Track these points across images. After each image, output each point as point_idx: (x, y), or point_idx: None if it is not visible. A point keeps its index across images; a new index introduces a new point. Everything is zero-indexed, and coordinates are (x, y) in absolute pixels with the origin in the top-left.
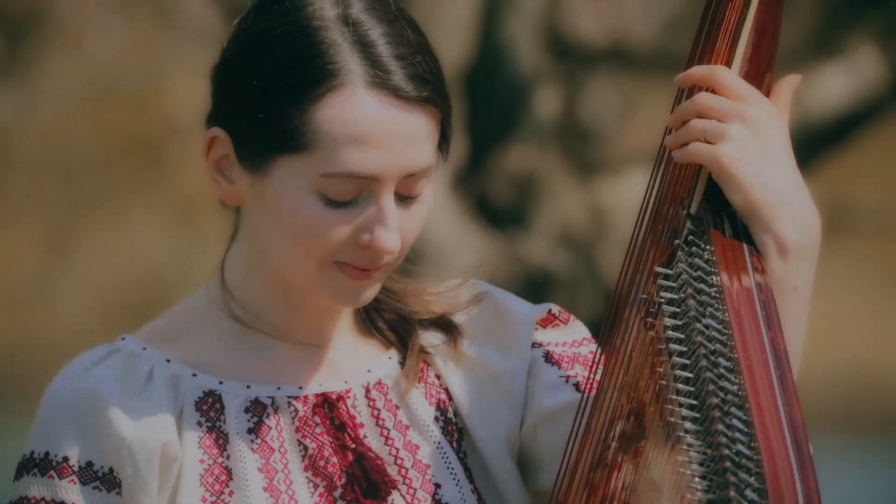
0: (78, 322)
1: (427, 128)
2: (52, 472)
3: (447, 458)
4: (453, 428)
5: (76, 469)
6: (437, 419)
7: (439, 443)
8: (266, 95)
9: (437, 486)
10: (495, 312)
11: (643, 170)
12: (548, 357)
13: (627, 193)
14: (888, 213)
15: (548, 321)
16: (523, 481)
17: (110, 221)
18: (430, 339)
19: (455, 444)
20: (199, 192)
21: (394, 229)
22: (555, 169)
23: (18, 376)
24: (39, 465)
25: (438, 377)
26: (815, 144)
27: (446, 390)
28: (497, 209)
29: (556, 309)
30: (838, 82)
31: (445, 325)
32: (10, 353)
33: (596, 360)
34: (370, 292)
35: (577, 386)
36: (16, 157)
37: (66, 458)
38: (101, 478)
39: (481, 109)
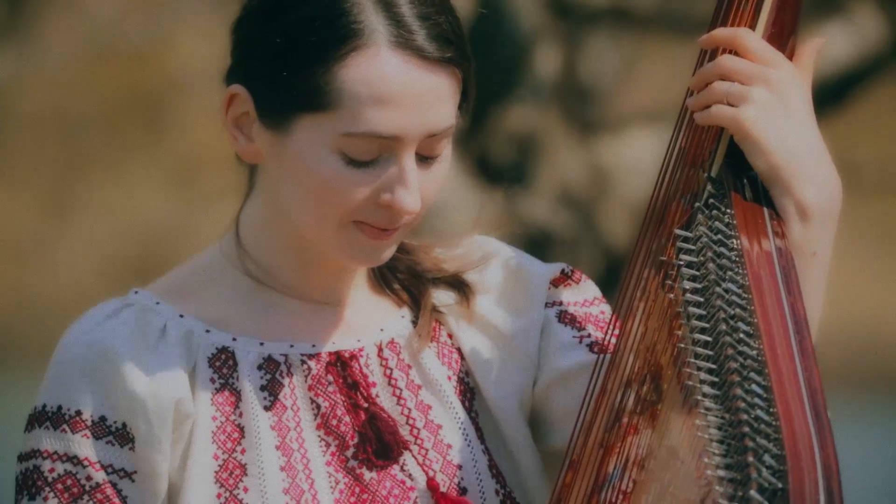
0: (78, 279)
1: (449, 88)
2: (64, 427)
3: (459, 418)
4: (465, 388)
5: (89, 424)
6: (449, 379)
7: (451, 403)
8: (290, 54)
9: (449, 446)
10: (508, 271)
11: (643, 129)
12: (561, 317)
13: (627, 152)
14: (889, 171)
15: (560, 280)
16: (534, 441)
17: (110, 179)
18: (443, 297)
19: (467, 404)
20: (199, 150)
21: (414, 190)
22: (555, 128)
23: (19, 332)
24: (52, 418)
25: (451, 336)
26: (815, 103)
27: (458, 350)
28: (497, 168)
29: (568, 268)
30: (838, 41)
31: (457, 284)
32: (10, 309)
33: (611, 320)
34: (388, 252)
35: (590, 347)
36: (16, 115)
37: (78, 413)
38: (113, 433)
39: (481, 68)
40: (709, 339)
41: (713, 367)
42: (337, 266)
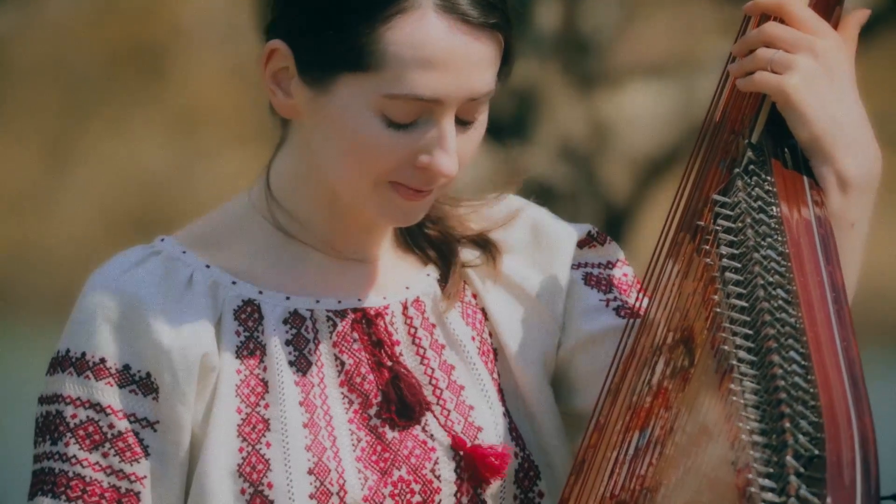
0: (78, 231)
1: (492, 53)
2: (88, 373)
3: (481, 379)
4: (489, 348)
5: (113, 372)
6: (473, 339)
7: (474, 363)
8: (335, 13)
9: (471, 407)
10: (534, 231)
11: (643, 82)
12: (587, 279)
13: (627, 106)
14: (890, 125)
15: (586, 242)
16: (555, 403)
17: (111, 131)
18: (468, 256)
19: (490, 365)
20: (200, 103)
21: (453, 153)
22: (555, 82)
23: (20, 283)
24: (76, 364)
25: (475, 296)
26: None
27: (482, 310)
28: (497, 122)
29: (594, 230)
30: None
31: (483, 243)
32: (11, 261)
33: (643, 284)
34: (421, 212)
35: (617, 310)
36: (17, 67)
37: (102, 360)
38: (137, 382)
39: None
40: (745, 304)
41: (749, 332)
42: (367, 223)
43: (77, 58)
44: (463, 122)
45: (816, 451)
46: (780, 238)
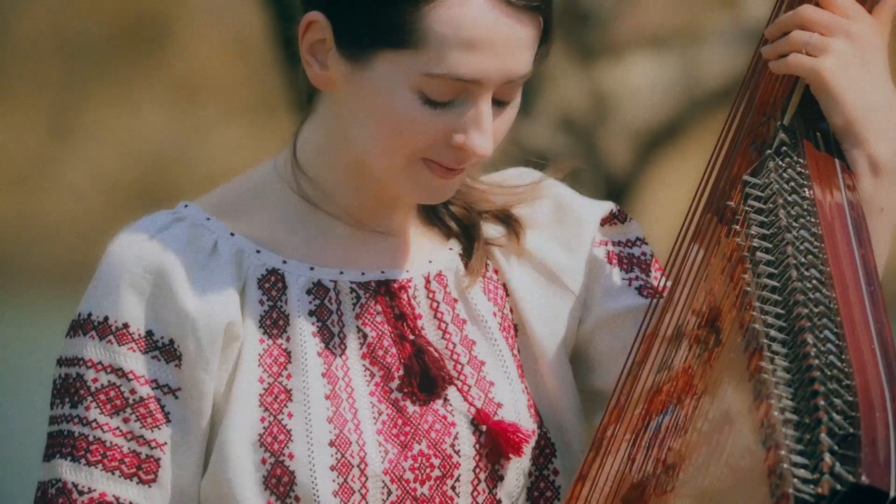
0: (80, 202)
1: (532, 35)
2: (110, 338)
3: (502, 355)
4: (509, 324)
5: (136, 337)
6: (494, 315)
7: (495, 339)
8: None
9: (491, 383)
10: (557, 207)
11: (645, 54)
12: (609, 257)
13: (628, 77)
14: None
15: (608, 219)
16: (574, 380)
17: (113, 102)
18: (490, 231)
19: (510, 341)
20: (203, 74)
21: (489, 133)
22: (555, 53)
23: (22, 255)
24: (98, 328)
25: (497, 272)
26: None
27: (504, 285)
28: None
29: (616, 208)
30: None
31: (506, 219)
32: (12, 232)
33: (667, 264)
34: (451, 190)
35: (639, 290)
36: (18, 37)
37: (125, 325)
38: (160, 348)
39: None
40: (777, 284)
41: (781, 311)
42: (392, 196)
43: (79, 29)
44: (499, 103)
45: (851, 430)
46: (813, 220)
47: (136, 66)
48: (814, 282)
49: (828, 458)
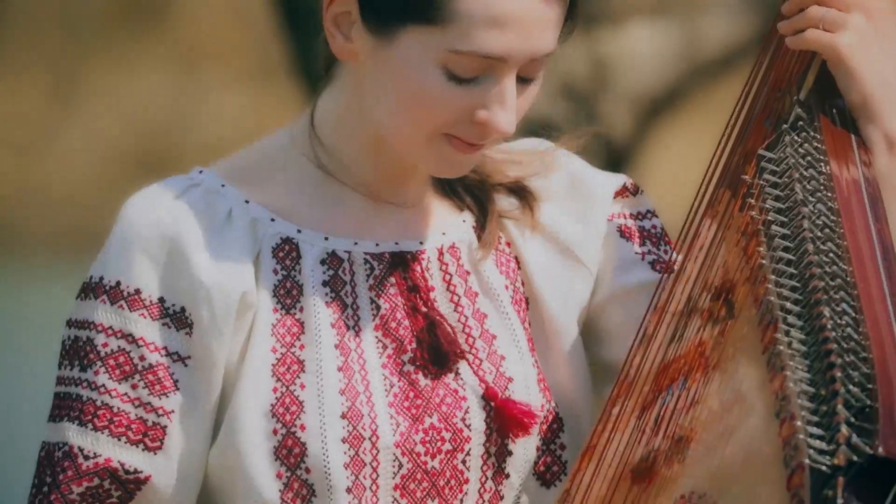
0: (81, 168)
1: (559, 13)
2: (122, 303)
3: (513, 328)
4: (521, 297)
5: (147, 304)
6: (506, 288)
7: (507, 313)
8: None
9: (503, 357)
10: (571, 179)
11: (645, 21)
12: (622, 230)
13: (629, 45)
14: None
15: (620, 192)
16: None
17: (115, 68)
18: (504, 204)
19: (522, 315)
20: (205, 40)
21: (512, 110)
22: None
23: (22, 221)
24: (109, 293)
25: (509, 244)
26: None
27: (516, 258)
28: None
29: (629, 181)
30: None
31: (519, 191)
32: (12, 199)
33: (679, 237)
34: (471, 165)
35: (652, 264)
36: (19, 3)
37: (137, 291)
38: (171, 315)
39: None
40: (792, 257)
41: (797, 285)
42: (408, 168)
43: None
44: (522, 80)
45: (868, 402)
46: (829, 195)
47: (136, 33)
48: (830, 255)
49: (844, 429)
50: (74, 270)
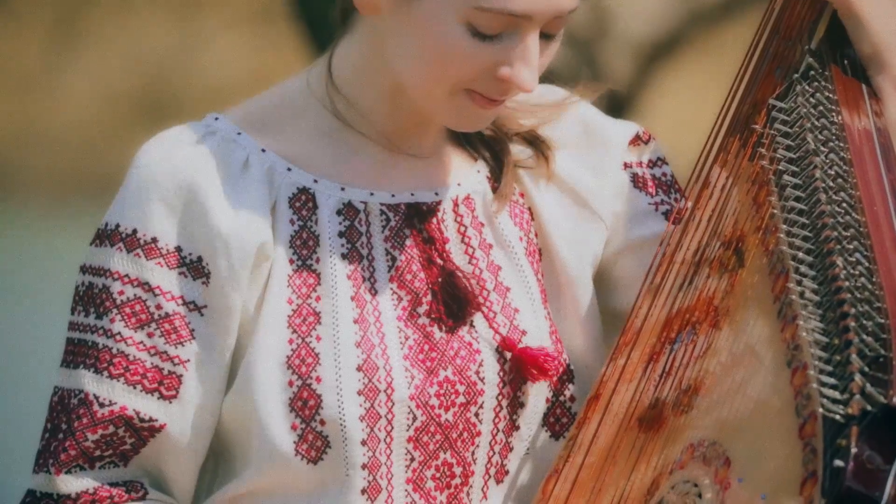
0: (83, 112)
1: None
2: (138, 251)
3: (527, 280)
4: (535, 249)
5: (164, 252)
6: (520, 239)
7: (521, 265)
8: None
9: (516, 310)
10: (584, 128)
11: None
12: (635, 180)
13: None
14: None
15: (633, 141)
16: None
17: (116, 11)
18: (518, 154)
19: (535, 266)
20: None
21: (535, 67)
22: None
23: (25, 164)
24: (126, 240)
25: (523, 195)
26: None
27: (529, 209)
28: None
29: (641, 129)
30: None
31: (534, 141)
32: (15, 141)
33: (688, 187)
34: (490, 120)
35: (666, 215)
36: None
37: (154, 240)
38: (188, 265)
39: None
40: (804, 207)
41: (808, 235)
42: (425, 119)
43: None
44: (545, 36)
45: (882, 352)
46: (841, 144)
47: None
48: (843, 205)
49: (858, 378)
50: (75, 211)
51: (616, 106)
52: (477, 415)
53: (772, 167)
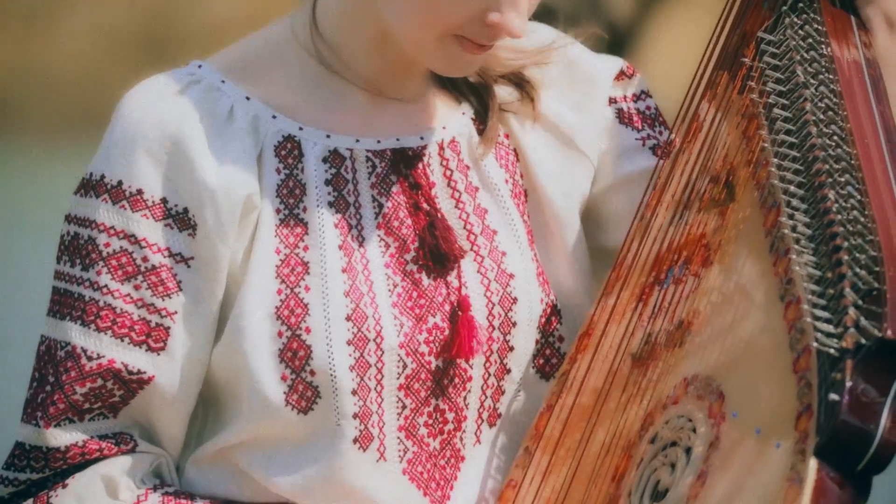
0: (83, 48)
1: None
2: (124, 203)
3: (514, 223)
4: (520, 190)
5: (150, 204)
6: (506, 182)
7: (507, 207)
8: None
9: (504, 253)
10: (569, 66)
11: None
12: (620, 116)
13: None
14: None
15: (618, 76)
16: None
17: None
18: (503, 95)
19: (521, 207)
20: None
21: (524, 13)
22: None
23: (23, 100)
24: (111, 192)
25: (508, 136)
26: None
27: (514, 150)
28: None
29: (625, 64)
30: None
31: (519, 82)
32: (13, 78)
33: (675, 122)
34: (478, 65)
35: (653, 150)
36: None
37: (139, 192)
38: (174, 216)
39: None
40: (795, 140)
41: (800, 168)
42: (411, 63)
43: None
44: None
45: (876, 285)
46: (831, 76)
47: None
48: (834, 138)
49: (852, 312)
50: (74, 149)
51: (617, 43)
52: (467, 360)
53: (761, 100)
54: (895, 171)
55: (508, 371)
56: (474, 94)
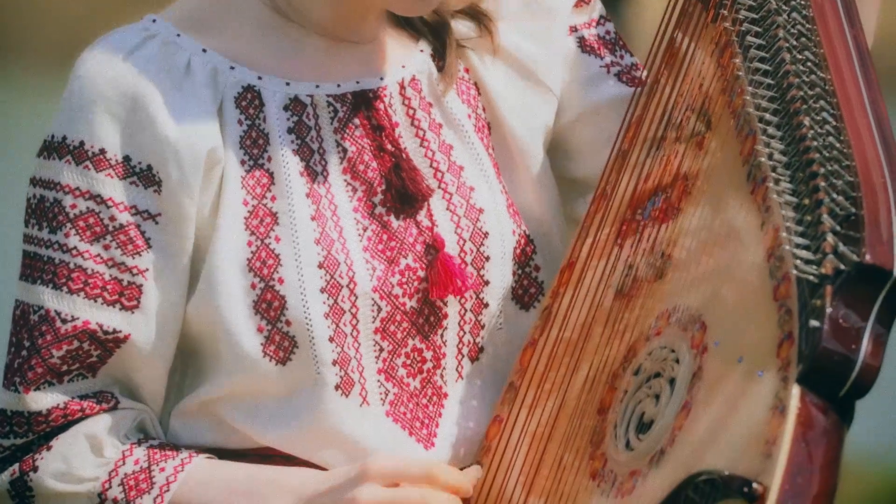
0: None
1: None
2: (87, 164)
3: (479, 157)
4: (483, 124)
5: (113, 163)
6: (469, 117)
7: (472, 142)
8: None
9: (471, 188)
10: None
11: None
12: (583, 44)
13: None
14: None
15: (578, 4)
16: (553, 170)
17: None
18: (461, 30)
19: (485, 141)
20: None
21: None
22: None
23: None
24: (74, 153)
25: (468, 70)
26: None
27: (475, 84)
28: None
29: None
30: None
31: (475, 15)
32: (9, 8)
33: (650, 52)
34: (437, 3)
35: (618, 76)
36: None
37: (102, 151)
38: (138, 174)
39: None
40: (769, 68)
41: (775, 95)
42: (367, 4)
43: None
44: None
45: (853, 210)
46: (803, 2)
47: None
48: (808, 64)
49: (830, 238)
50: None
51: None
52: (441, 297)
53: (734, 28)
54: (870, 96)
55: (486, 305)
56: (431, 31)
